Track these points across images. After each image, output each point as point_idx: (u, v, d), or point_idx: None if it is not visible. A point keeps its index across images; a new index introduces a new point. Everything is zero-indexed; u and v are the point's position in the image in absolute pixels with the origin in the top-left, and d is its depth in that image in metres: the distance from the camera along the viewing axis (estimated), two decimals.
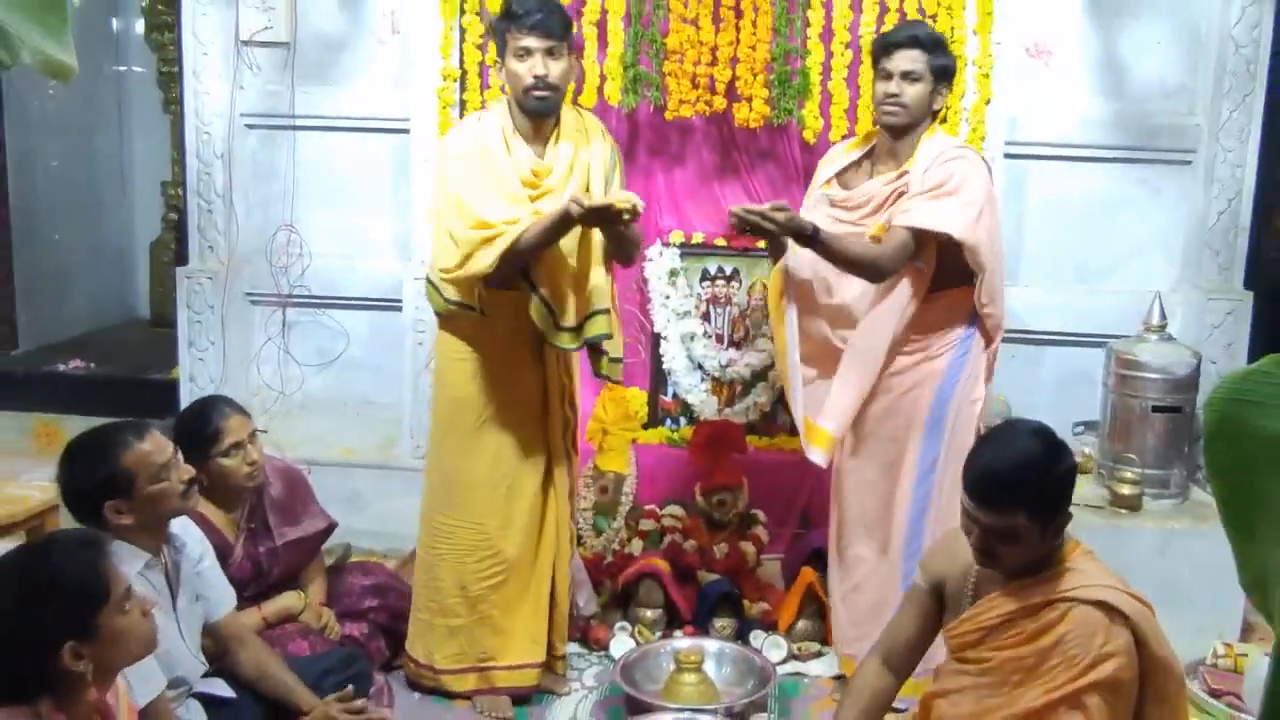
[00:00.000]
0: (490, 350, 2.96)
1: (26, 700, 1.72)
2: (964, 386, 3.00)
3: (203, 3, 4.15)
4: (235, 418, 2.87)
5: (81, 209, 5.90)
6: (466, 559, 3.00)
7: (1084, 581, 2.16)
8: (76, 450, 2.36)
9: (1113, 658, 2.10)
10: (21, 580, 1.77)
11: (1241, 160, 3.88)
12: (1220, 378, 1.68)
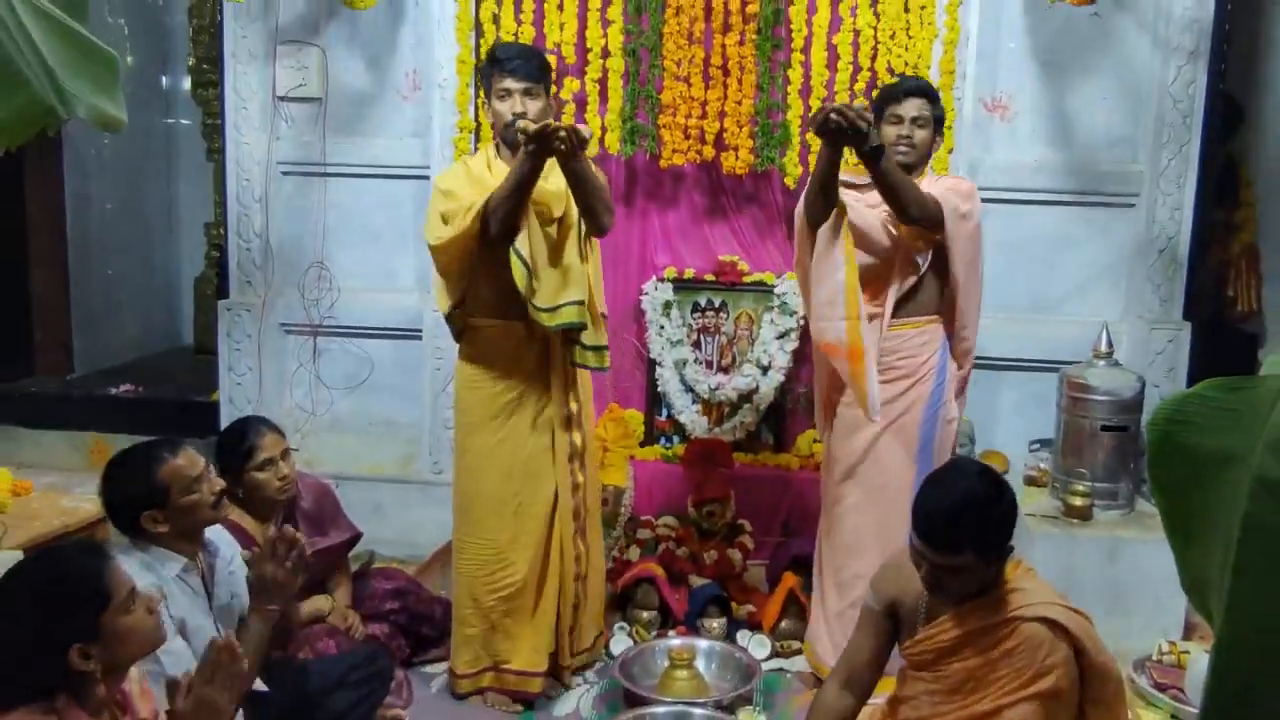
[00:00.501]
0: (500, 377, 2.95)
1: (44, 698, 1.70)
2: (945, 408, 3.00)
3: (243, 62, 4.18)
4: (269, 436, 2.88)
5: (132, 247, 5.90)
6: (478, 573, 2.98)
7: (1029, 600, 2.15)
8: (116, 466, 2.36)
9: (1054, 669, 2.10)
10: (29, 587, 1.76)
11: (1179, 203, 3.89)
12: (1162, 400, 1.68)
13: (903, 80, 3.15)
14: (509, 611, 2.98)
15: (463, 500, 3.04)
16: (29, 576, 1.79)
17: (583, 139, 2.64)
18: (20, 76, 1.19)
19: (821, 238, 2.86)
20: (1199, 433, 1.68)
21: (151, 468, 2.29)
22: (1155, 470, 1.75)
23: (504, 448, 2.96)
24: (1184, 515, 1.72)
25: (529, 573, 2.98)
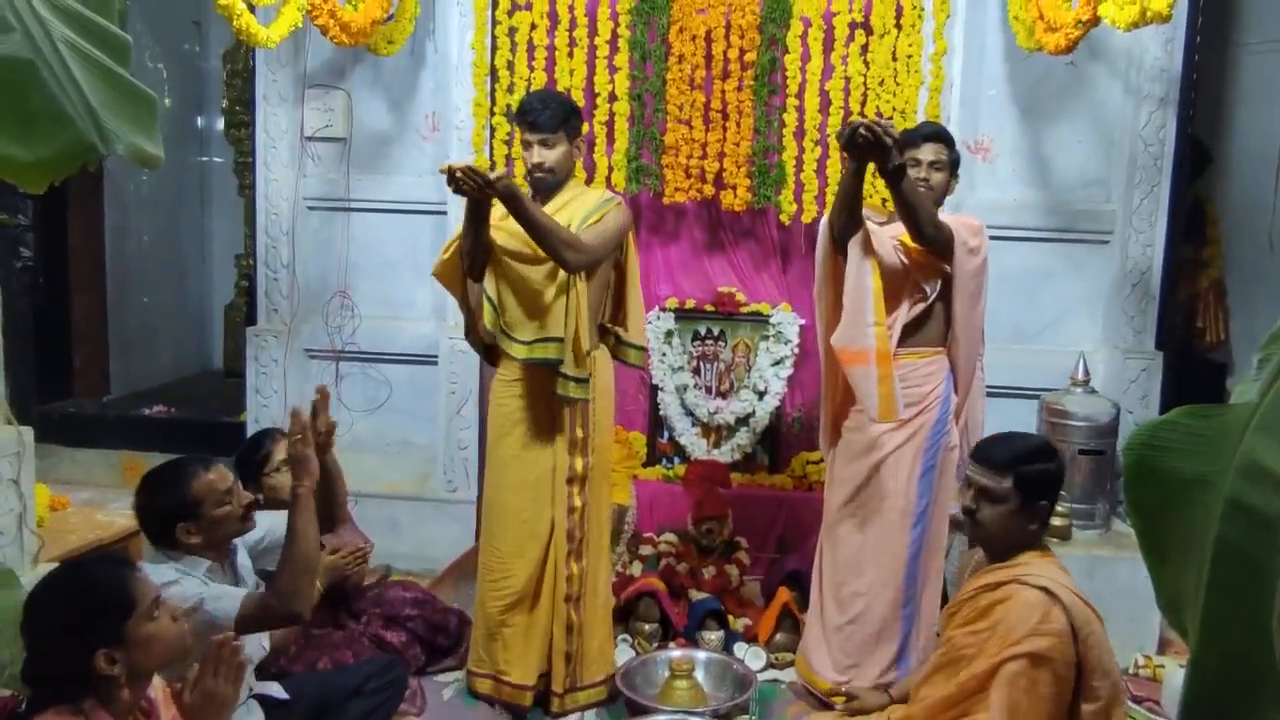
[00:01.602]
0: (518, 397, 2.96)
1: (73, 701, 1.69)
2: (947, 436, 2.96)
3: (274, 104, 4.20)
4: (282, 442, 2.91)
5: (167, 276, 5.93)
6: (487, 577, 3.00)
7: (1036, 572, 2.18)
8: (151, 481, 2.37)
9: (1047, 636, 2.09)
10: (57, 596, 1.76)
11: (1151, 240, 3.90)
12: (1137, 426, 1.67)
13: (921, 125, 3.13)
14: (505, 621, 2.96)
15: (484, 509, 3.08)
16: (57, 586, 1.79)
17: (485, 179, 2.56)
18: (65, 116, 1.19)
19: (854, 249, 2.83)
20: (1173, 457, 1.67)
21: (185, 482, 2.30)
22: (1132, 493, 1.73)
23: (516, 464, 2.97)
24: (1159, 536, 1.71)
25: (526, 585, 2.95)
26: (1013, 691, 2.08)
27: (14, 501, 2.11)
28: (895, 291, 2.91)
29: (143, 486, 2.37)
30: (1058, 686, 2.10)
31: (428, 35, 4.13)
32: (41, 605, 1.75)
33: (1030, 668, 2.08)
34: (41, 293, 5.01)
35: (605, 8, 3.94)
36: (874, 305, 2.79)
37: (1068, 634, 2.10)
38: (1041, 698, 2.08)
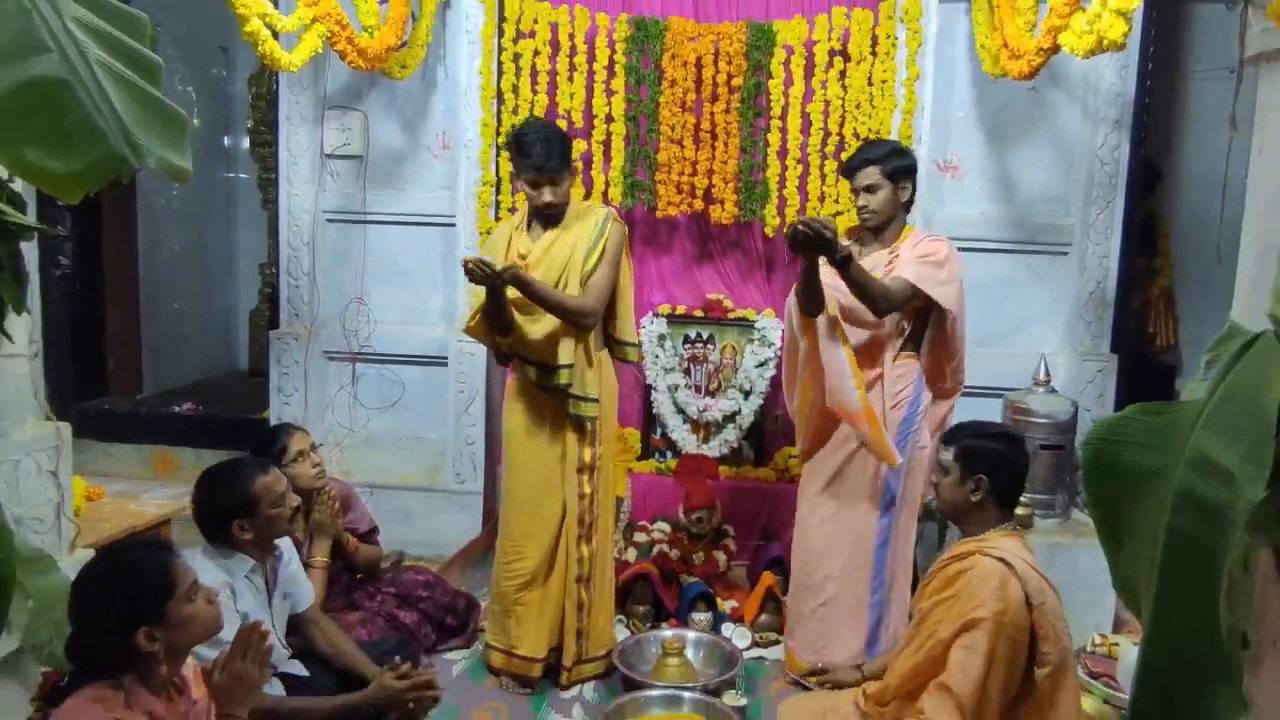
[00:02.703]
0: (529, 400, 2.96)
1: (114, 676, 1.69)
2: (915, 435, 2.93)
3: (295, 124, 4.19)
4: (296, 434, 2.90)
5: (196, 284, 5.91)
6: (502, 560, 3.00)
7: (998, 546, 2.19)
8: (213, 478, 2.35)
9: (1002, 600, 2.09)
10: (103, 578, 1.75)
11: (1106, 252, 3.90)
12: (1094, 422, 1.67)
13: (850, 157, 3.00)
14: (519, 600, 2.95)
15: (506, 496, 3.06)
16: (103, 569, 1.78)
17: (494, 272, 2.62)
18: (98, 131, 1.19)
19: (822, 326, 2.82)
20: (1128, 451, 1.68)
21: (246, 482, 2.30)
22: (1090, 484, 1.73)
23: (530, 455, 2.96)
24: (1115, 523, 1.71)
25: (537, 567, 2.95)
26: (970, 653, 2.08)
27: (52, 492, 2.09)
28: (879, 338, 2.89)
29: (203, 482, 2.35)
30: (1013, 651, 2.09)
31: (439, 61, 4.12)
32: (88, 586, 1.74)
33: (987, 631, 2.08)
34: (78, 299, 4.98)
35: (603, 35, 3.94)
36: (851, 371, 2.78)
37: (1022, 602, 2.10)
38: (997, 658, 2.08)
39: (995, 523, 2.27)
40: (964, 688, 2.06)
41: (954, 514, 2.34)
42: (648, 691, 2.77)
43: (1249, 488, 1.40)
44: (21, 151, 1.16)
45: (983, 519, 2.27)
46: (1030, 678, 2.13)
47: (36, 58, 1.17)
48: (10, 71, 1.14)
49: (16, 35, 1.16)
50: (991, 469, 2.25)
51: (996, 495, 2.26)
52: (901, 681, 2.26)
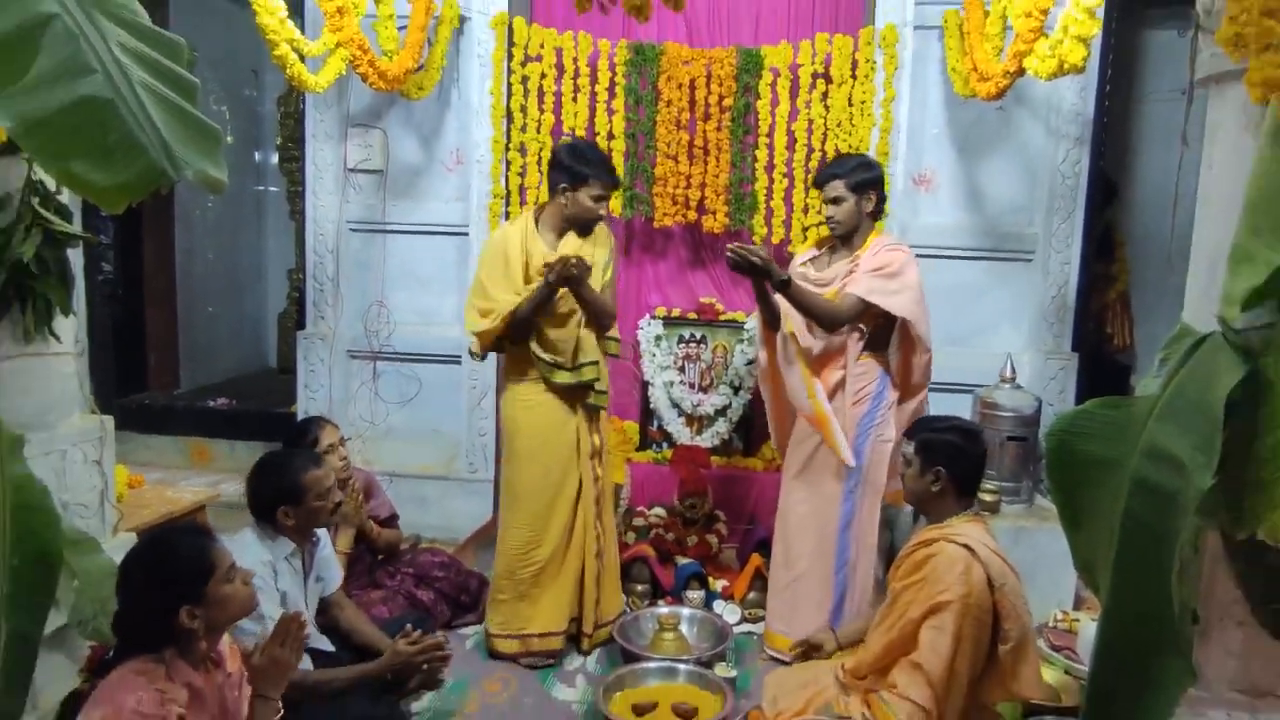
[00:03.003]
0: (541, 395, 2.93)
1: (155, 649, 1.69)
2: (877, 429, 2.92)
3: (321, 141, 4.18)
4: (328, 428, 2.88)
5: (229, 289, 5.90)
6: (516, 551, 2.94)
7: (962, 532, 2.19)
8: (269, 464, 2.35)
9: (967, 584, 2.09)
10: (149, 560, 1.75)
11: (1068, 259, 3.89)
12: (1056, 416, 1.67)
13: (820, 171, 3.03)
14: (536, 583, 2.94)
15: (512, 493, 2.97)
16: (148, 552, 1.78)
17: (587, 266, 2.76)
18: (140, 146, 1.18)
19: (778, 343, 2.94)
20: (1087, 442, 1.68)
21: (297, 473, 2.29)
22: (1052, 472, 1.73)
23: (549, 448, 2.93)
24: (1076, 508, 1.71)
25: (554, 550, 2.94)
26: (939, 633, 2.08)
27: (97, 479, 2.09)
28: (840, 343, 2.92)
29: (260, 467, 2.34)
30: (978, 629, 2.09)
31: (453, 82, 4.11)
32: (134, 568, 1.74)
33: (954, 612, 2.08)
34: (120, 302, 4.98)
35: (604, 60, 3.94)
36: (805, 386, 2.90)
37: (985, 585, 2.09)
38: (964, 638, 2.08)
39: (957, 510, 2.26)
40: (933, 664, 2.07)
41: (918, 503, 2.34)
42: (645, 663, 2.77)
43: (1199, 476, 1.40)
44: (70, 165, 1.16)
45: (944, 507, 2.27)
46: (994, 653, 2.13)
47: (84, 79, 1.17)
48: (60, 92, 1.14)
49: (65, 59, 1.16)
50: (949, 461, 2.24)
51: (955, 484, 2.26)
52: (876, 658, 2.27)
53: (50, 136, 1.14)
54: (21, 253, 1.83)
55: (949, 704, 2.07)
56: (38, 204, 1.88)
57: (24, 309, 1.91)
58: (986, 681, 2.14)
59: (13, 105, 1.10)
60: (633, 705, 2.57)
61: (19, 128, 1.11)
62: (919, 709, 2.05)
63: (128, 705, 1.57)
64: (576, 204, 2.86)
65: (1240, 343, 1.48)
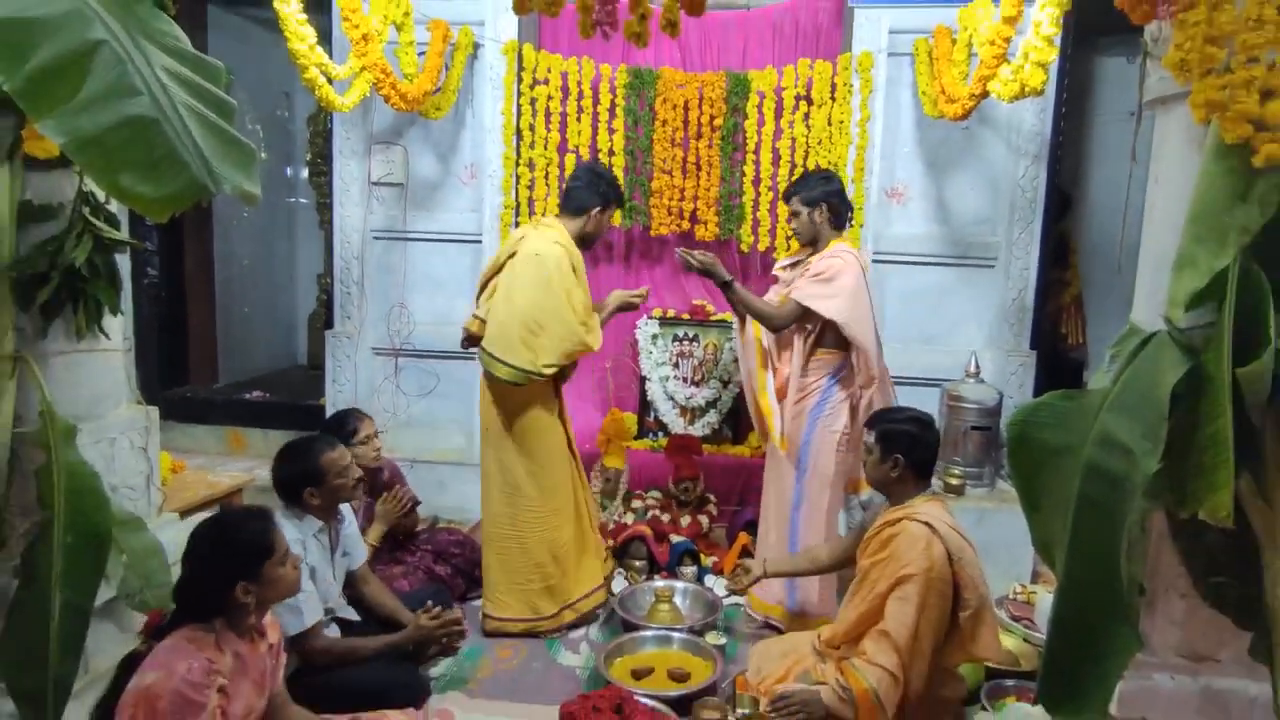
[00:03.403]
0: (545, 396, 2.85)
1: (207, 619, 1.70)
2: (825, 420, 2.87)
3: (346, 157, 4.17)
4: (366, 420, 2.90)
5: (263, 291, 5.88)
6: (552, 534, 2.83)
7: (922, 510, 2.19)
8: (290, 451, 2.35)
9: (929, 558, 2.09)
10: (215, 538, 1.75)
11: (1027, 265, 3.89)
12: (1017, 407, 1.67)
13: (786, 188, 3.04)
14: (572, 554, 2.90)
15: (545, 485, 2.81)
16: (217, 528, 1.78)
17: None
18: (182, 162, 1.18)
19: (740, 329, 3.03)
20: (1045, 430, 1.68)
21: (316, 456, 2.30)
22: (1013, 458, 1.74)
23: (558, 442, 2.90)
24: (1034, 491, 1.71)
25: (575, 527, 2.93)
26: (904, 603, 2.08)
27: (143, 464, 2.08)
28: (788, 338, 2.95)
29: (282, 454, 2.34)
30: (939, 599, 2.09)
31: (467, 103, 4.10)
32: (202, 540, 1.74)
33: (916, 584, 2.08)
34: (163, 303, 4.96)
35: (605, 83, 3.93)
36: (757, 382, 2.99)
37: (945, 558, 2.09)
38: (927, 607, 2.08)
39: (916, 492, 2.26)
40: (899, 632, 2.07)
41: (880, 487, 2.33)
42: (643, 632, 2.77)
43: (1145, 461, 1.41)
44: (118, 179, 1.16)
45: (904, 490, 2.26)
46: (955, 620, 2.13)
47: (131, 100, 1.17)
48: (109, 112, 1.14)
49: (113, 82, 1.15)
50: (907, 449, 2.24)
51: (913, 469, 2.25)
52: (848, 628, 2.27)
53: (100, 152, 1.13)
54: (74, 258, 1.82)
55: (914, 668, 2.07)
56: (88, 213, 1.87)
57: (76, 309, 1.90)
58: (948, 646, 2.14)
59: (65, 123, 1.10)
60: (631, 670, 2.58)
61: (71, 144, 1.11)
62: (886, 673, 2.05)
63: (179, 671, 1.58)
64: (599, 225, 2.88)
65: (1184, 341, 1.48)
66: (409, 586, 2.85)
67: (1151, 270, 1.65)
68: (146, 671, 1.59)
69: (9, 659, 1.71)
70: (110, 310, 1.94)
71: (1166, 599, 1.62)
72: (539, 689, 2.55)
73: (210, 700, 1.59)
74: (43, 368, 1.83)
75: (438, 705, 2.43)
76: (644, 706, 2.28)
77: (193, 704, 1.57)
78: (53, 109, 1.08)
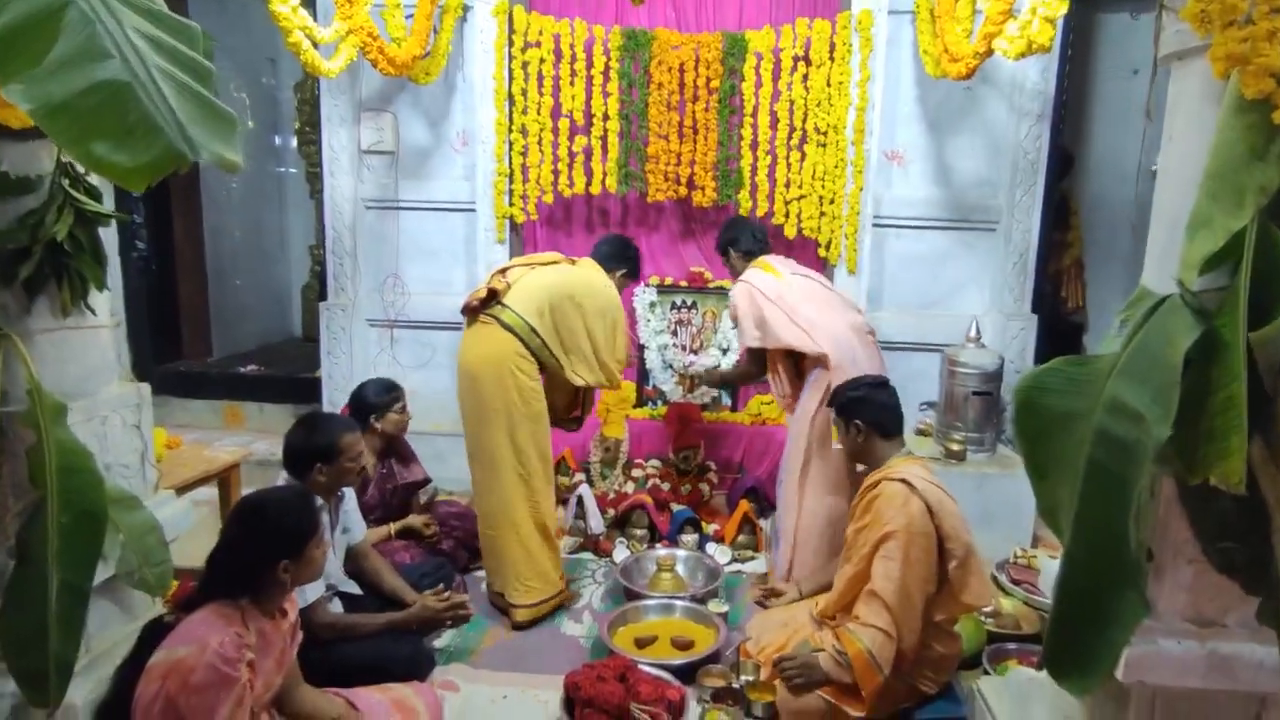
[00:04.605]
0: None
1: (233, 596, 1.67)
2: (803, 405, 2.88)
3: (335, 124, 4.08)
4: (401, 388, 2.97)
5: (255, 263, 5.81)
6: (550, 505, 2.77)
7: (899, 469, 2.19)
8: (311, 423, 2.32)
9: (907, 514, 2.09)
10: (265, 514, 1.73)
11: (1029, 228, 3.84)
12: (1020, 373, 1.64)
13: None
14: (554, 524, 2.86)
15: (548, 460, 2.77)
16: (265, 507, 1.75)
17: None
18: (158, 129, 1.12)
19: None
20: (1052, 397, 1.65)
21: (336, 435, 2.27)
22: (1020, 425, 1.70)
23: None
24: (1041, 458, 1.68)
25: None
26: (889, 560, 2.08)
27: (137, 442, 2.05)
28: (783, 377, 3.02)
29: (303, 424, 2.31)
30: (924, 553, 2.08)
31: (458, 68, 4.00)
32: (251, 515, 1.72)
33: (900, 541, 2.07)
34: (153, 277, 4.89)
35: (599, 45, 3.82)
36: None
37: (924, 511, 2.09)
38: (911, 562, 2.07)
39: (890, 452, 2.26)
40: (887, 589, 2.06)
41: (856, 459, 2.36)
42: (646, 601, 2.77)
43: (1157, 427, 1.38)
44: (91, 147, 1.10)
45: (877, 453, 2.28)
46: (944, 574, 2.12)
47: (101, 64, 1.11)
48: (77, 76, 1.08)
49: (81, 44, 1.09)
50: (861, 411, 2.29)
51: (875, 428, 2.27)
52: (840, 595, 2.27)
53: (70, 119, 1.08)
54: (55, 232, 1.77)
55: (906, 624, 2.06)
56: (68, 185, 1.81)
57: (60, 285, 1.85)
58: (940, 599, 2.13)
59: (32, 89, 1.04)
60: (635, 639, 2.58)
61: (39, 111, 1.05)
62: (880, 631, 2.05)
63: (212, 644, 1.56)
64: (619, 287, 2.96)
65: (1197, 304, 1.44)
66: (410, 559, 2.83)
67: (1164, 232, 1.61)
68: (177, 645, 1.58)
69: (9, 639, 1.70)
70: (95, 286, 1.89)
71: (1175, 565, 1.61)
72: (543, 659, 2.55)
73: (242, 674, 1.59)
74: (29, 345, 1.78)
75: (442, 677, 2.43)
76: (648, 675, 2.28)
77: (226, 678, 1.56)
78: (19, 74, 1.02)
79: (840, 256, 3.88)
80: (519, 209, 4.01)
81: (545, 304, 2.72)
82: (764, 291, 2.92)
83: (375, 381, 2.98)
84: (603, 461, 3.72)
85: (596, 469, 3.73)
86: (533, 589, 2.76)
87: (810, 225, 3.87)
